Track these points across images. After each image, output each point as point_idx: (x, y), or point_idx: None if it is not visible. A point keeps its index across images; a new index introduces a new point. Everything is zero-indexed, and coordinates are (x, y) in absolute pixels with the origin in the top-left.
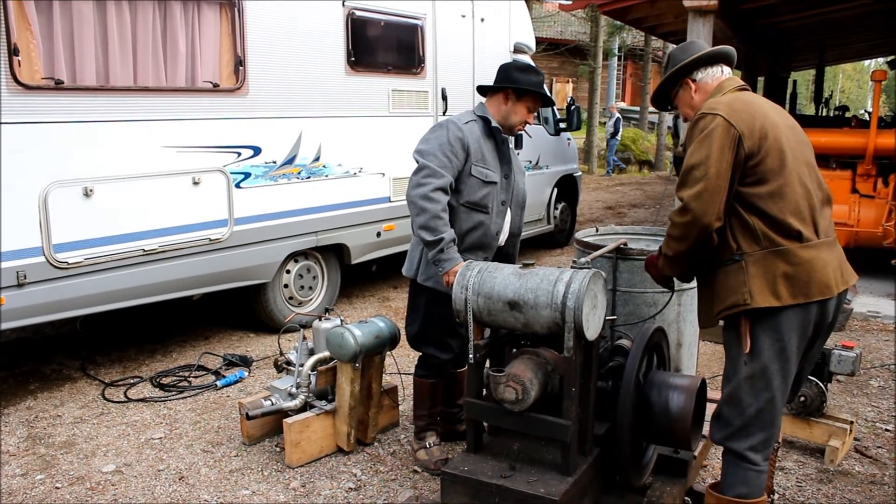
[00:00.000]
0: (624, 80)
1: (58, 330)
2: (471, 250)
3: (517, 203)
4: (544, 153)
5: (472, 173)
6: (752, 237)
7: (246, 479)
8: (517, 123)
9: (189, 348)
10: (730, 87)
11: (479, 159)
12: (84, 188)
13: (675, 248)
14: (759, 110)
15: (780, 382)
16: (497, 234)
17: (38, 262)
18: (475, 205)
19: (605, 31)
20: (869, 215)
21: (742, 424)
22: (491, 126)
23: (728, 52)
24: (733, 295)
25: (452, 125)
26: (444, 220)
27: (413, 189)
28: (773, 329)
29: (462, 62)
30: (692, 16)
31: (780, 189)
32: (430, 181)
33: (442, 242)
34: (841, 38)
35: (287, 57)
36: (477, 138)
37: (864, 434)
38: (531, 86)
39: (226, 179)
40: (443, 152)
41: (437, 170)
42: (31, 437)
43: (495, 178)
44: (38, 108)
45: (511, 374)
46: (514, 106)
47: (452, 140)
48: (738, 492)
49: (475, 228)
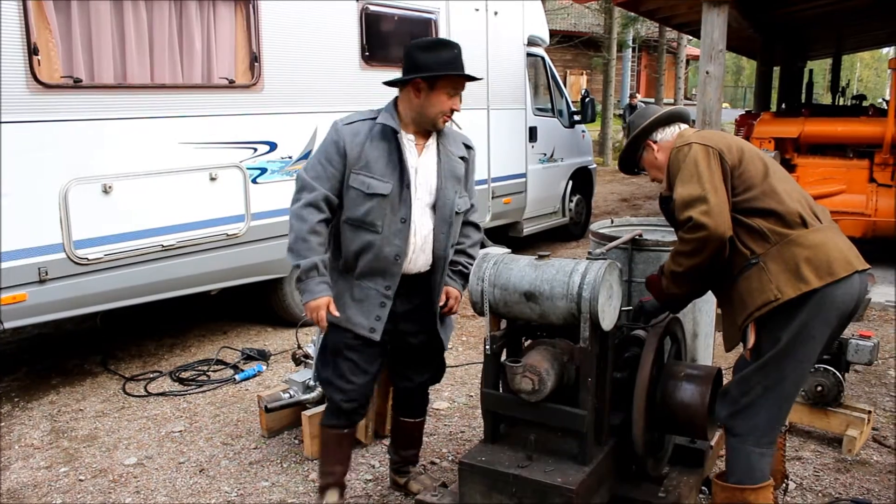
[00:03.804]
0: (638, 71)
1: (79, 325)
2: (366, 277)
3: (442, 219)
4: (559, 146)
5: (351, 184)
6: (761, 237)
7: (265, 470)
8: (438, 116)
9: (207, 343)
10: (689, 133)
11: (362, 166)
12: (103, 185)
13: (686, 264)
14: (727, 135)
15: (794, 367)
16: (396, 257)
17: (59, 258)
18: (359, 222)
19: (619, 23)
20: (887, 204)
21: (748, 403)
22: (384, 126)
23: (682, 112)
24: (761, 295)
25: (332, 127)
26: (309, 244)
27: (291, 204)
28: (796, 317)
29: (476, 56)
30: (706, 6)
31: (771, 187)
32: (300, 196)
33: (299, 270)
34: (858, 27)
35: (302, 52)
36: (361, 141)
37: (883, 424)
38: (441, 67)
39: (242, 175)
40: (318, 160)
41: (309, 182)
42: (55, 430)
43: (383, 190)
44: (58, 106)
45: (527, 364)
46: (429, 96)
47: (328, 144)
48: (741, 476)
49: (364, 251)
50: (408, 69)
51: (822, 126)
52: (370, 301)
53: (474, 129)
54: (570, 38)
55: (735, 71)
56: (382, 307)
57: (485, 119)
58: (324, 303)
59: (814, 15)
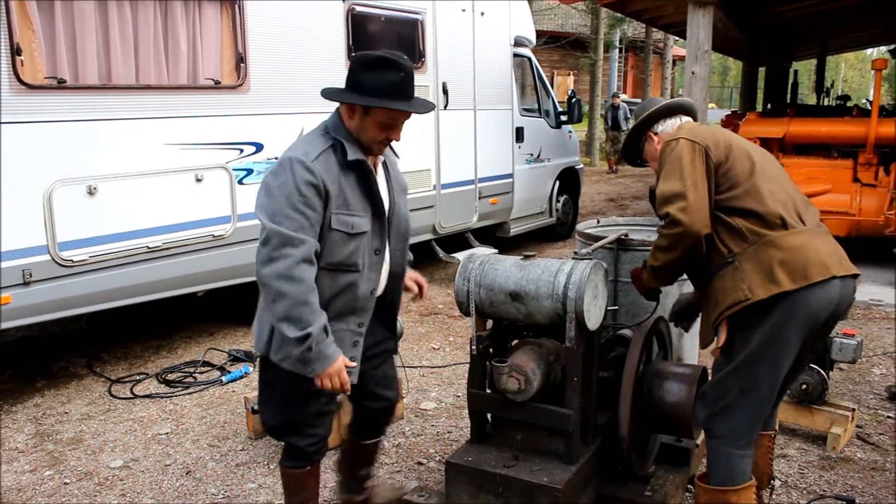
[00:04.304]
0: (625, 72)
1: (64, 328)
2: (338, 318)
3: (398, 236)
4: (546, 146)
5: (334, 226)
6: (739, 237)
7: (252, 472)
8: (371, 143)
9: (194, 344)
10: (687, 127)
11: (341, 204)
12: (88, 186)
13: (663, 259)
14: (719, 130)
15: (769, 369)
16: (372, 291)
17: (44, 260)
18: (340, 265)
19: (606, 24)
20: (870, 204)
21: (724, 406)
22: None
23: (686, 104)
24: (733, 294)
25: (298, 165)
26: (311, 306)
27: (264, 266)
28: (767, 319)
29: (463, 56)
30: (692, 7)
31: (755, 186)
32: (286, 253)
33: (310, 339)
34: (842, 28)
35: (288, 53)
36: (335, 176)
37: (867, 421)
38: (378, 93)
39: (228, 176)
40: (294, 208)
41: (293, 235)
42: (39, 433)
43: (364, 226)
44: (42, 107)
45: (513, 364)
46: (363, 121)
47: (302, 187)
48: (722, 478)
49: (341, 293)
50: (346, 85)
51: (807, 126)
52: (343, 344)
53: (461, 130)
54: (558, 38)
55: (721, 71)
56: (355, 347)
57: (471, 119)
58: (342, 362)
59: (798, 16)
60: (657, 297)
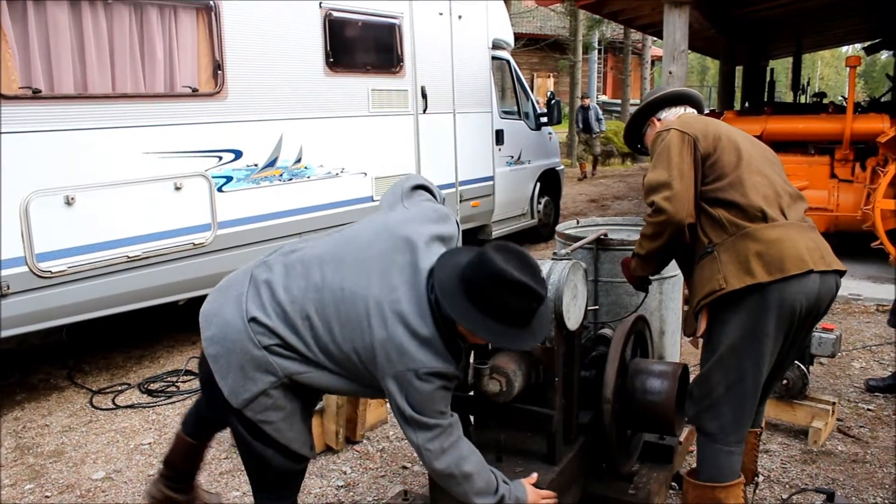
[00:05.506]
0: (605, 73)
1: (44, 339)
2: None
3: None
4: (526, 148)
5: None
6: (720, 227)
7: (236, 480)
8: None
9: (176, 353)
10: (686, 118)
11: None
12: (65, 197)
13: (648, 247)
14: (712, 122)
15: (752, 364)
16: None
17: (21, 272)
18: None
19: (585, 25)
20: (848, 200)
21: (711, 403)
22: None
23: (693, 94)
24: (709, 283)
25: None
26: (487, 468)
27: (439, 459)
28: (744, 310)
29: (441, 60)
30: (668, 7)
31: (739, 178)
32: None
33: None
34: (818, 26)
35: (265, 59)
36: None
37: (847, 414)
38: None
39: (208, 184)
40: (446, 402)
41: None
42: (20, 447)
43: None
44: (17, 117)
45: (495, 365)
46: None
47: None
48: (711, 474)
49: None
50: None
51: (784, 123)
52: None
53: (440, 133)
54: (536, 40)
55: (700, 71)
56: None
57: (451, 122)
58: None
59: (774, 14)
60: (646, 288)
